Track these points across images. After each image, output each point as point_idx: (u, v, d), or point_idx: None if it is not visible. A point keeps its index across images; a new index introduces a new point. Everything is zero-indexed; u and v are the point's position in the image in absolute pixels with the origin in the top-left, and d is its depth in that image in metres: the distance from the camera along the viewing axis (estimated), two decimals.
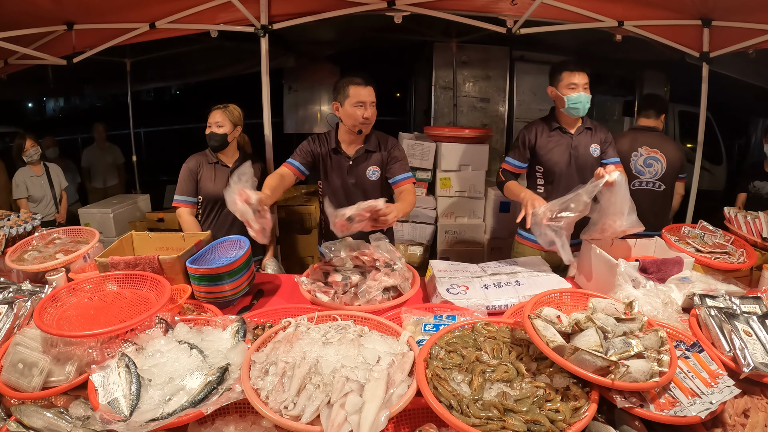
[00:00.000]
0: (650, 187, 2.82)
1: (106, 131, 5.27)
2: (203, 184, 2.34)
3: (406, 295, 1.70)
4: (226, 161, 2.37)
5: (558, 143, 2.26)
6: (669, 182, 2.81)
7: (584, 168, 2.26)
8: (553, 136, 2.27)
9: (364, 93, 2.01)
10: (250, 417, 1.14)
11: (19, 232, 2.07)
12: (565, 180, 2.25)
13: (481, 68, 5.02)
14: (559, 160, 2.26)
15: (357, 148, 2.14)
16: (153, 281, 1.56)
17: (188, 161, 2.35)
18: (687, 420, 1.04)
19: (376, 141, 2.17)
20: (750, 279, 1.92)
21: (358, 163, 2.14)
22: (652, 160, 2.80)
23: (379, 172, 2.16)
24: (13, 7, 2.60)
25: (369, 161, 2.15)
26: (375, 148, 2.16)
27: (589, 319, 1.18)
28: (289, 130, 5.89)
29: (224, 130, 2.28)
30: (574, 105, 2.14)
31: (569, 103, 2.14)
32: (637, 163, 2.82)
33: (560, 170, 2.26)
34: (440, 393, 1.04)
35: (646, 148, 2.80)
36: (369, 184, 2.15)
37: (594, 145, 2.29)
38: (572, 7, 2.95)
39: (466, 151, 3.69)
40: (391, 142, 2.19)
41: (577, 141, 2.26)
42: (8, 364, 1.22)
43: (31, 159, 3.76)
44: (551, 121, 2.29)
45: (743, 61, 3.60)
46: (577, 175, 2.26)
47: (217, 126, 2.27)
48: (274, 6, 2.92)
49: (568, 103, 2.14)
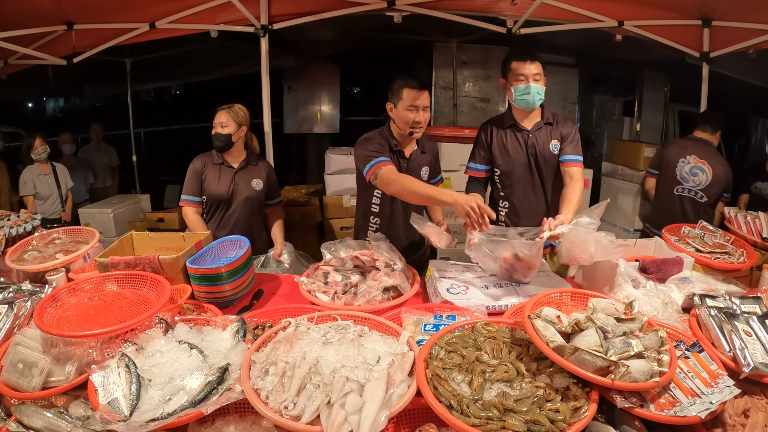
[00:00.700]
0: (691, 195, 2.89)
1: (102, 131, 5.28)
2: (207, 185, 2.33)
3: (406, 295, 1.70)
4: (231, 162, 2.36)
5: (512, 142, 2.08)
6: (711, 195, 2.87)
7: (545, 169, 2.08)
8: (507, 134, 2.09)
9: (418, 97, 1.95)
10: (250, 417, 1.14)
11: (19, 232, 2.07)
12: (523, 184, 2.10)
13: (481, 68, 5.01)
14: (515, 161, 2.07)
15: (413, 149, 2.12)
16: (153, 281, 1.56)
17: (194, 161, 2.35)
18: (687, 420, 1.04)
19: (425, 143, 2.17)
20: (750, 279, 1.92)
21: (413, 164, 2.11)
22: (698, 170, 2.86)
23: (428, 173, 2.16)
24: (13, 7, 2.60)
25: (422, 162, 2.14)
26: (426, 150, 2.17)
27: (589, 319, 1.18)
28: (289, 130, 5.89)
29: (228, 130, 2.27)
30: (521, 97, 1.97)
31: (516, 95, 1.99)
32: (683, 170, 2.88)
33: (517, 173, 2.09)
34: (440, 393, 1.04)
35: (695, 157, 2.86)
36: None
37: (554, 141, 2.05)
38: (572, 7, 2.95)
39: (466, 151, 3.67)
40: (435, 145, 2.23)
41: (534, 138, 2.06)
42: (8, 364, 1.21)
43: (39, 157, 3.78)
44: (505, 117, 2.12)
45: (743, 61, 3.60)
46: (538, 177, 2.09)
47: (221, 126, 2.27)
48: (274, 6, 2.93)
49: (515, 95, 1.99)
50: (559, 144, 2.06)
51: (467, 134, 3.80)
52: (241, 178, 2.35)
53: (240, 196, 2.34)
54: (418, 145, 2.13)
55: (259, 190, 2.39)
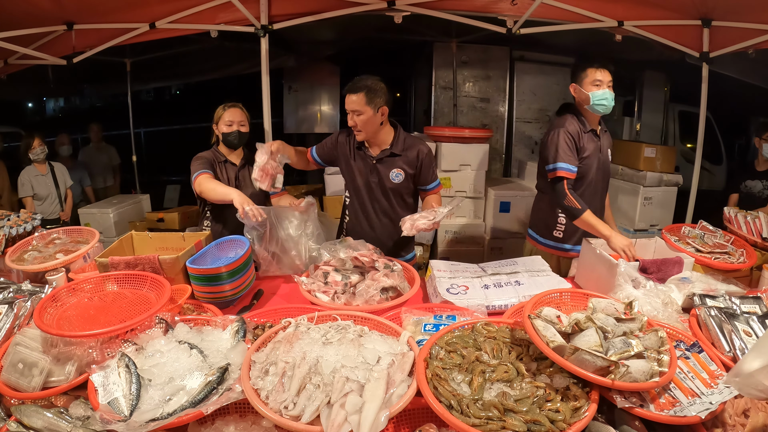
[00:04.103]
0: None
1: (102, 131, 5.28)
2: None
3: (406, 295, 1.70)
4: (234, 160, 2.34)
5: (590, 146, 2.16)
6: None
7: (606, 172, 2.23)
8: (587, 138, 2.15)
9: (347, 101, 2.00)
10: (250, 417, 1.14)
11: (19, 232, 2.07)
12: (593, 185, 2.19)
13: (481, 68, 5.02)
14: (592, 164, 2.16)
15: (382, 149, 2.11)
16: (153, 281, 1.56)
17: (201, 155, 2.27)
18: (687, 420, 1.04)
19: (404, 144, 2.11)
20: (750, 279, 1.92)
21: (381, 164, 2.11)
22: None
23: (402, 176, 2.10)
24: (13, 7, 2.60)
25: (393, 164, 2.11)
26: (401, 152, 2.10)
27: (589, 319, 1.18)
28: (289, 130, 5.89)
29: (246, 129, 2.27)
30: (600, 101, 2.07)
31: (594, 99, 2.07)
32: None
33: (592, 175, 2.17)
34: (440, 393, 1.04)
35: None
36: (392, 185, 2.12)
37: (609, 149, 2.24)
38: (572, 7, 2.95)
39: (466, 151, 3.70)
40: (420, 147, 2.11)
41: (603, 144, 2.20)
42: (8, 364, 1.21)
43: (37, 157, 3.78)
44: (581, 121, 2.16)
45: (743, 61, 3.60)
46: (602, 180, 2.22)
47: (240, 125, 2.24)
48: (274, 6, 2.92)
49: (593, 100, 2.07)
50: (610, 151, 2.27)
51: (467, 134, 3.80)
52: (244, 175, 2.33)
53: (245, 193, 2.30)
54: (390, 147, 2.10)
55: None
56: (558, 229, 2.26)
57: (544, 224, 2.31)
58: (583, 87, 2.10)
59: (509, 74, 5.06)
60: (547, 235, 2.30)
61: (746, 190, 3.26)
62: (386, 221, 2.16)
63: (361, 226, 2.20)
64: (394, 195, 2.14)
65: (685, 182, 3.86)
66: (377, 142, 2.11)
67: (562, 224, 2.25)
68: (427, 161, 2.11)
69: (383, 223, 2.16)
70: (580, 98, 2.14)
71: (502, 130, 5.15)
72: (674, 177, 3.93)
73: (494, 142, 4.95)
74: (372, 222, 2.18)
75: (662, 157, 3.91)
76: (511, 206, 3.76)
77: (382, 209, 2.16)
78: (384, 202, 2.14)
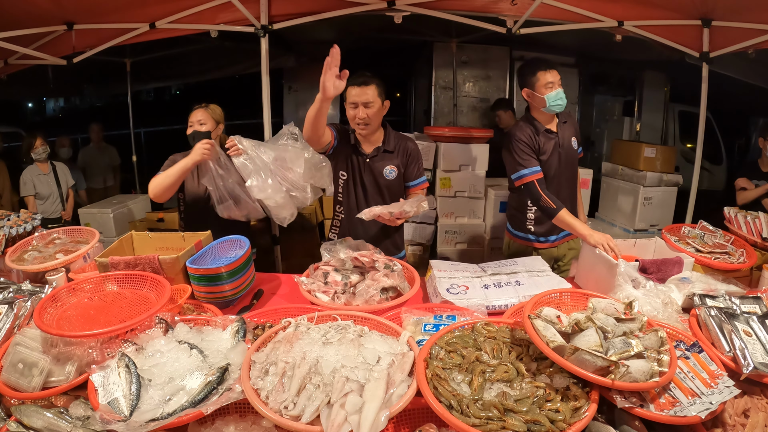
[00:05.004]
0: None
1: (102, 131, 5.27)
2: (186, 183, 2.28)
3: (406, 295, 1.70)
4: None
5: (548, 145, 2.23)
6: None
7: (571, 162, 2.31)
8: (542, 138, 2.23)
9: (354, 93, 2.00)
10: (250, 417, 1.14)
11: (19, 232, 2.07)
12: (557, 180, 2.26)
13: (481, 68, 5.02)
14: (553, 161, 2.24)
15: (375, 146, 2.13)
16: (153, 281, 1.56)
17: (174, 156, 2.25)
18: (687, 420, 1.04)
19: (396, 141, 2.15)
20: (750, 279, 1.92)
21: (375, 162, 2.13)
22: None
23: (396, 172, 2.15)
24: (13, 7, 2.60)
25: (386, 161, 2.14)
26: (393, 148, 2.14)
27: (589, 319, 1.18)
28: None
29: (207, 127, 2.21)
30: (555, 102, 2.13)
31: (550, 101, 2.13)
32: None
33: (553, 171, 2.25)
34: (440, 393, 1.04)
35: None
36: (385, 183, 2.14)
37: (573, 138, 2.30)
38: (572, 7, 2.95)
39: (466, 151, 3.69)
40: (410, 144, 2.18)
41: (561, 138, 2.26)
42: (8, 364, 1.21)
43: (39, 157, 3.80)
44: (535, 123, 2.23)
45: (743, 61, 3.60)
46: (567, 170, 2.29)
47: (200, 124, 2.20)
48: (274, 6, 2.92)
49: (549, 102, 2.13)
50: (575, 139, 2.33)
51: (467, 134, 3.80)
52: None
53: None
54: (383, 144, 2.14)
55: None
56: (529, 222, 2.38)
57: (517, 219, 2.44)
58: (537, 91, 2.15)
59: (509, 74, 5.06)
60: (521, 229, 2.42)
61: None
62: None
63: (354, 225, 2.20)
64: (388, 192, 2.16)
65: (685, 182, 3.86)
66: (372, 139, 2.13)
67: (531, 219, 2.37)
68: (414, 155, 2.16)
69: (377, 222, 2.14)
70: (535, 102, 2.20)
71: None
72: (674, 177, 3.93)
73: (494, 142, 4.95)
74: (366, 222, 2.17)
75: (662, 157, 3.91)
76: None
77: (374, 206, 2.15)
78: (378, 199, 2.16)
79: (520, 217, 2.40)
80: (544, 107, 2.15)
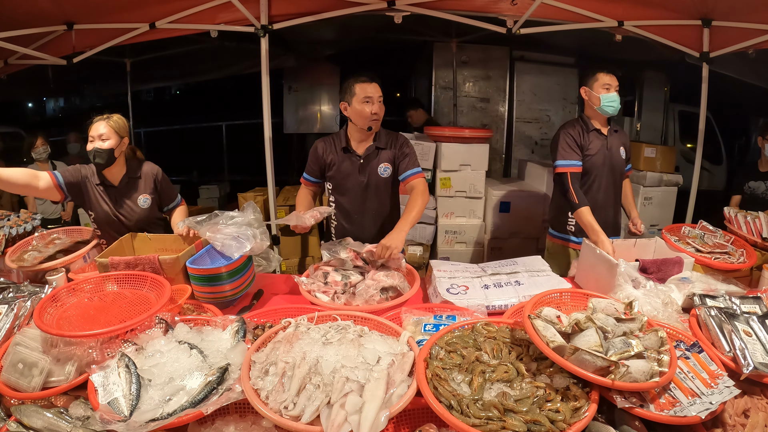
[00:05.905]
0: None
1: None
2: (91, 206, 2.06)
3: (406, 295, 1.70)
4: (112, 180, 2.05)
5: (596, 144, 2.31)
6: None
7: (615, 168, 2.36)
8: (591, 137, 2.31)
9: (370, 89, 2.02)
10: (250, 417, 1.14)
11: (19, 232, 2.07)
12: (597, 181, 2.33)
13: (481, 68, 5.01)
14: (596, 161, 2.31)
15: (367, 146, 2.14)
16: (153, 281, 1.56)
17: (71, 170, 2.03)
18: (687, 420, 1.04)
19: (386, 138, 2.17)
20: (750, 279, 1.92)
21: (369, 161, 2.14)
22: None
23: (390, 169, 2.17)
24: (13, 7, 2.60)
25: (380, 158, 2.15)
26: (385, 146, 2.16)
27: (589, 319, 1.18)
28: (289, 130, 5.89)
29: (110, 144, 1.96)
30: (609, 104, 2.21)
31: (604, 102, 2.21)
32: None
33: (597, 170, 2.32)
34: (440, 393, 1.04)
35: None
36: (381, 181, 2.16)
37: (622, 148, 2.38)
38: (572, 7, 2.94)
39: (466, 151, 3.69)
40: (400, 138, 2.20)
41: (611, 142, 2.33)
42: (8, 364, 1.22)
43: (39, 156, 3.79)
44: (587, 121, 2.33)
45: (743, 61, 3.60)
46: (609, 175, 2.34)
47: (101, 140, 1.94)
48: (274, 6, 2.92)
49: (603, 102, 2.22)
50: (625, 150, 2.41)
51: (467, 134, 3.79)
52: (124, 196, 2.06)
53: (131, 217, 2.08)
54: (374, 142, 2.15)
55: (147, 207, 2.10)
56: (570, 224, 2.42)
57: (558, 220, 2.49)
58: (594, 90, 2.25)
59: (509, 74, 5.06)
60: (561, 230, 2.47)
61: (749, 191, 3.24)
62: (377, 219, 2.19)
63: (349, 228, 2.21)
64: (383, 190, 2.18)
65: (685, 182, 3.86)
66: (365, 138, 2.14)
67: (572, 220, 2.40)
68: (406, 147, 2.18)
69: (374, 221, 2.18)
70: (590, 100, 2.29)
71: (502, 130, 5.15)
72: (674, 177, 3.92)
73: (494, 142, 4.95)
74: (363, 222, 2.19)
75: (662, 157, 3.91)
76: (511, 206, 3.75)
77: (371, 208, 2.18)
78: (374, 200, 2.17)
79: (561, 218, 2.45)
80: (598, 106, 2.24)
